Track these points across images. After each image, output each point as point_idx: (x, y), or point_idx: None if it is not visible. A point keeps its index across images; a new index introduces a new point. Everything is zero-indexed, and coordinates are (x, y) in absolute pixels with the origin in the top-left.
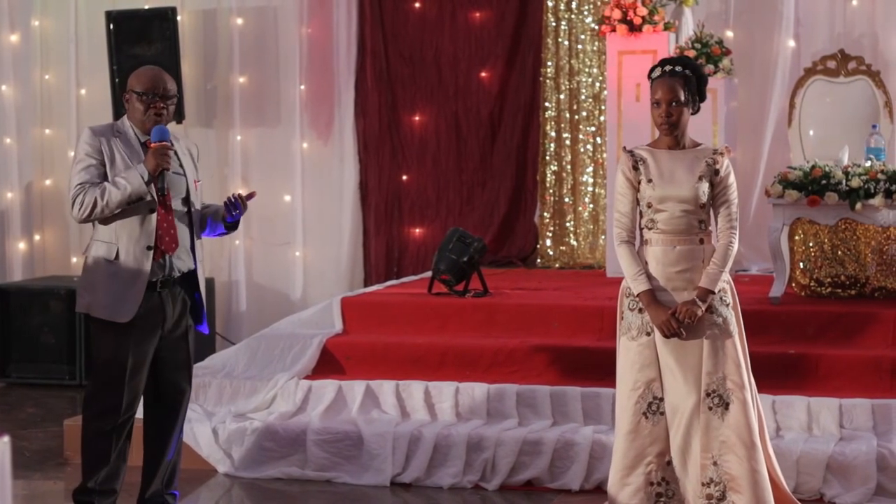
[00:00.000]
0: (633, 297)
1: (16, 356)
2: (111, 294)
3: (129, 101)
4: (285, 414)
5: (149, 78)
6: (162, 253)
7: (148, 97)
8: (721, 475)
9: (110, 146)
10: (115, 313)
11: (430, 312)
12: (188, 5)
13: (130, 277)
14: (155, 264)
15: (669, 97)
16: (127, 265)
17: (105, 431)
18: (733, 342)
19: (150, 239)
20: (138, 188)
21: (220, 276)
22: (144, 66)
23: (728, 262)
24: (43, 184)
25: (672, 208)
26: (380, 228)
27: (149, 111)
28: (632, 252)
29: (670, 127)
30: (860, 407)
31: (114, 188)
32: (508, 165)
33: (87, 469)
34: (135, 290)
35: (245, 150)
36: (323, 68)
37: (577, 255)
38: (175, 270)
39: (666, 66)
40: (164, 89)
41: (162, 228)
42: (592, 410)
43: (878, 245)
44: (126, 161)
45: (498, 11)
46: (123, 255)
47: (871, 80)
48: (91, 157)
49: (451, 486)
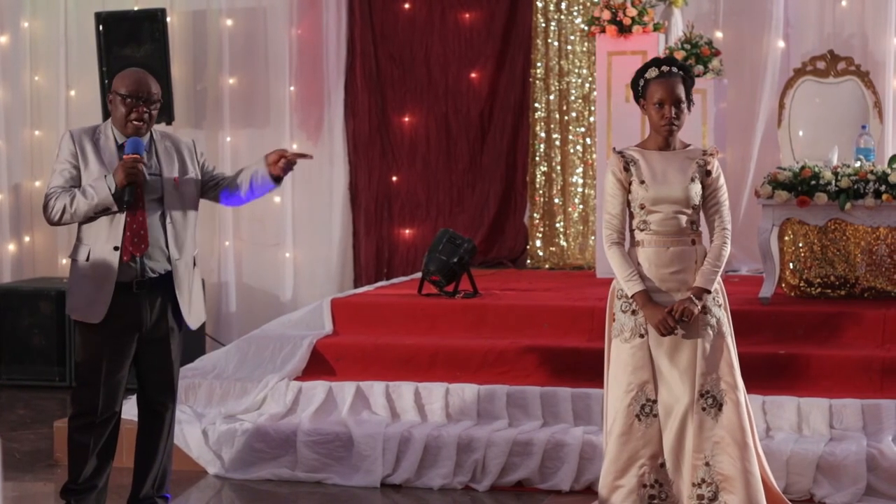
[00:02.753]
0: (625, 298)
1: (5, 358)
2: (84, 295)
3: (112, 103)
4: (275, 415)
5: (133, 81)
6: (131, 253)
7: (131, 100)
8: (713, 475)
9: (86, 151)
10: (87, 314)
11: (420, 313)
12: (177, 6)
13: (100, 278)
14: (125, 266)
15: (675, 97)
16: (96, 266)
17: (84, 429)
18: (726, 343)
19: (116, 240)
20: (104, 199)
21: (209, 277)
22: (130, 69)
23: (722, 262)
24: (32, 185)
25: (665, 210)
26: (370, 229)
27: (131, 114)
28: (623, 253)
29: (676, 128)
30: (850, 407)
31: (82, 197)
32: (498, 166)
33: (70, 466)
34: (104, 291)
35: (235, 151)
36: (312, 69)
37: (567, 256)
38: (148, 271)
39: (663, 67)
40: (148, 93)
41: (131, 229)
42: (583, 411)
43: (867, 245)
44: (101, 166)
45: (487, 12)
46: (94, 256)
47: (861, 80)
48: (67, 161)
49: (441, 487)
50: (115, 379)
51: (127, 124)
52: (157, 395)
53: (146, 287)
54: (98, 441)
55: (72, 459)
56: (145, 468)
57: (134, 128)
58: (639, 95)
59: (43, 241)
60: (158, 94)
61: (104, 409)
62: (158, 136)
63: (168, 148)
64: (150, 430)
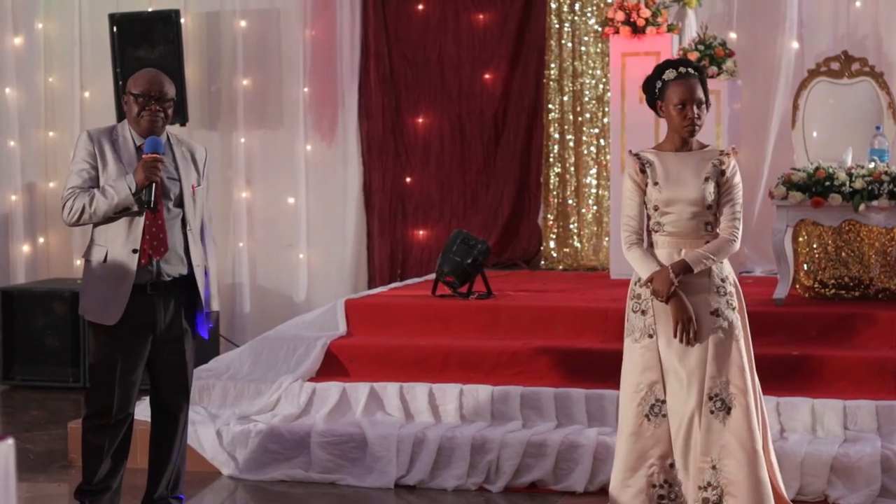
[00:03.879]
0: (636, 299)
1: (19, 359)
2: (99, 297)
3: (126, 104)
4: (289, 416)
5: (146, 80)
6: (149, 256)
7: (144, 99)
8: (719, 479)
9: (104, 151)
10: (102, 316)
11: (433, 314)
12: (191, 7)
13: (117, 280)
14: (142, 268)
15: (696, 98)
16: (113, 268)
17: (98, 430)
18: (738, 346)
19: (135, 242)
20: (125, 199)
21: (224, 278)
22: (143, 69)
23: (720, 254)
24: (46, 186)
25: (680, 210)
26: (384, 230)
27: (143, 113)
28: (643, 252)
29: (697, 128)
30: (864, 408)
31: (101, 196)
32: (512, 167)
33: (84, 467)
34: (120, 293)
35: (249, 152)
36: (326, 70)
37: (581, 257)
38: (164, 275)
39: (681, 68)
40: (161, 92)
41: (150, 233)
42: (596, 412)
43: (881, 246)
44: (119, 166)
45: (501, 13)
46: (111, 258)
47: (875, 81)
48: (85, 161)
49: (455, 489)
50: (129, 380)
51: (140, 122)
52: (170, 396)
53: (161, 289)
54: (112, 442)
55: (86, 461)
56: (159, 469)
57: (148, 122)
58: (654, 98)
59: (57, 242)
60: (172, 94)
61: (118, 411)
62: (175, 139)
63: (185, 154)
64: (164, 431)
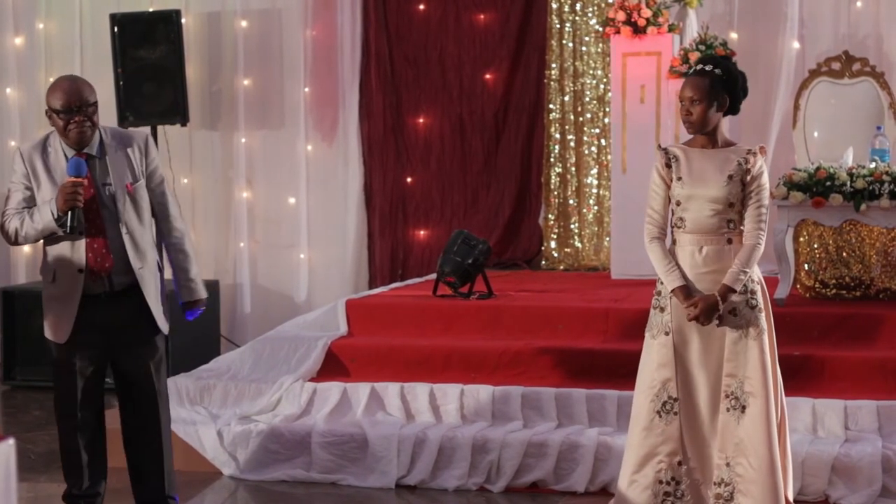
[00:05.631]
0: (657, 295)
1: (20, 359)
2: (51, 314)
3: (51, 118)
4: (290, 416)
5: (63, 92)
6: (97, 274)
7: (65, 114)
8: (732, 477)
9: (36, 169)
10: (55, 334)
11: (434, 314)
12: (193, 8)
13: (65, 300)
14: (93, 282)
15: (688, 95)
16: (61, 288)
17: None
18: (759, 345)
19: (80, 262)
20: (48, 224)
21: (224, 278)
22: (58, 79)
23: (752, 262)
24: None
25: (700, 207)
26: (384, 231)
27: (70, 127)
28: (662, 248)
29: (691, 125)
30: (865, 408)
31: (29, 220)
32: (513, 167)
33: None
34: (68, 312)
35: (249, 152)
36: (327, 71)
37: (582, 257)
38: (115, 284)
39: (697, 65)
40: (81, 100)
41: (92, 250)
42: (597, 412)
43: (882, 247)
44: (52, 185)
45: (502, 13)
46: (58, 277)
47: (876, 81)
48: (20, 182)
49: (456, 489)
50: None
51: (68, 135)
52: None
53: (116, 297)
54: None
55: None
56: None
57: (77, 135)
58: None
59: None
60: (93, 98)
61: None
62: (108, 136)
63: (117, 150)
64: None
